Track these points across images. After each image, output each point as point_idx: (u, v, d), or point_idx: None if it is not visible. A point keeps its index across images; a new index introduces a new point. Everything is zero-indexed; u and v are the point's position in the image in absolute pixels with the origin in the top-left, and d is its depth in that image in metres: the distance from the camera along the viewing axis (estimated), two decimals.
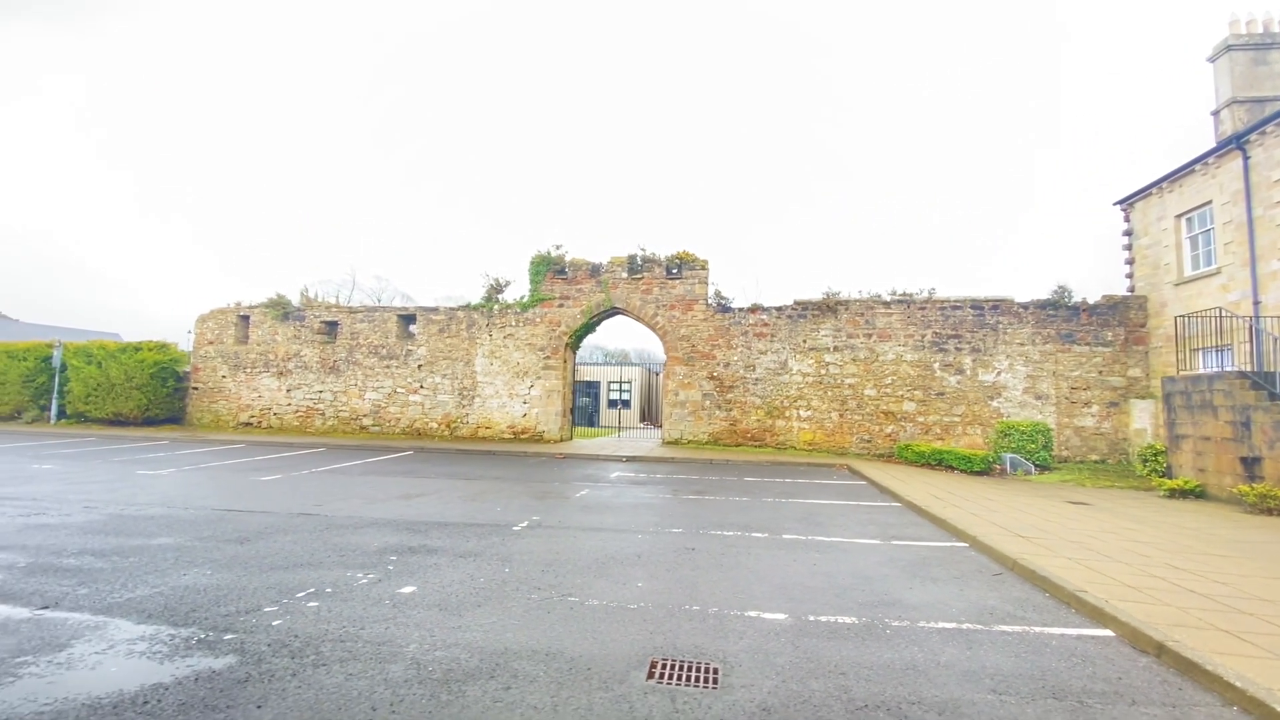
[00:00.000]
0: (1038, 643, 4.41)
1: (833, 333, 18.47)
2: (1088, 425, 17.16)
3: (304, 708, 3.27)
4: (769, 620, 4.74)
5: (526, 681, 3.63)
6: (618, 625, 4.56)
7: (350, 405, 20.90)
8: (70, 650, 3.91)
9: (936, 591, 5.58)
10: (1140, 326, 17.06)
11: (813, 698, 3.50)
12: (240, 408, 21.59)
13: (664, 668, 3.85)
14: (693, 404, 18.87)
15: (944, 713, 3.36)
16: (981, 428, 17.55)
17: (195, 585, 5.27)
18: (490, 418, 19.99)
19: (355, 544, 6.82)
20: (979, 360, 17.76)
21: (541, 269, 19.95)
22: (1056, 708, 3.46)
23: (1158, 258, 16.64)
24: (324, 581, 5.44)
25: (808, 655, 4.09)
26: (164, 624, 4.39)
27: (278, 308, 21.61)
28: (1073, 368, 17.32)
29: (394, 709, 3.28)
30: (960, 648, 4.28)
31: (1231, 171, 13.92)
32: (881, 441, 17.97)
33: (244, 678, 3.60)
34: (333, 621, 4.50)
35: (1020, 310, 17.71)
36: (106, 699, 3.31)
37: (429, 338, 20.70)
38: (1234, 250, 13.95)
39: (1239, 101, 15.65)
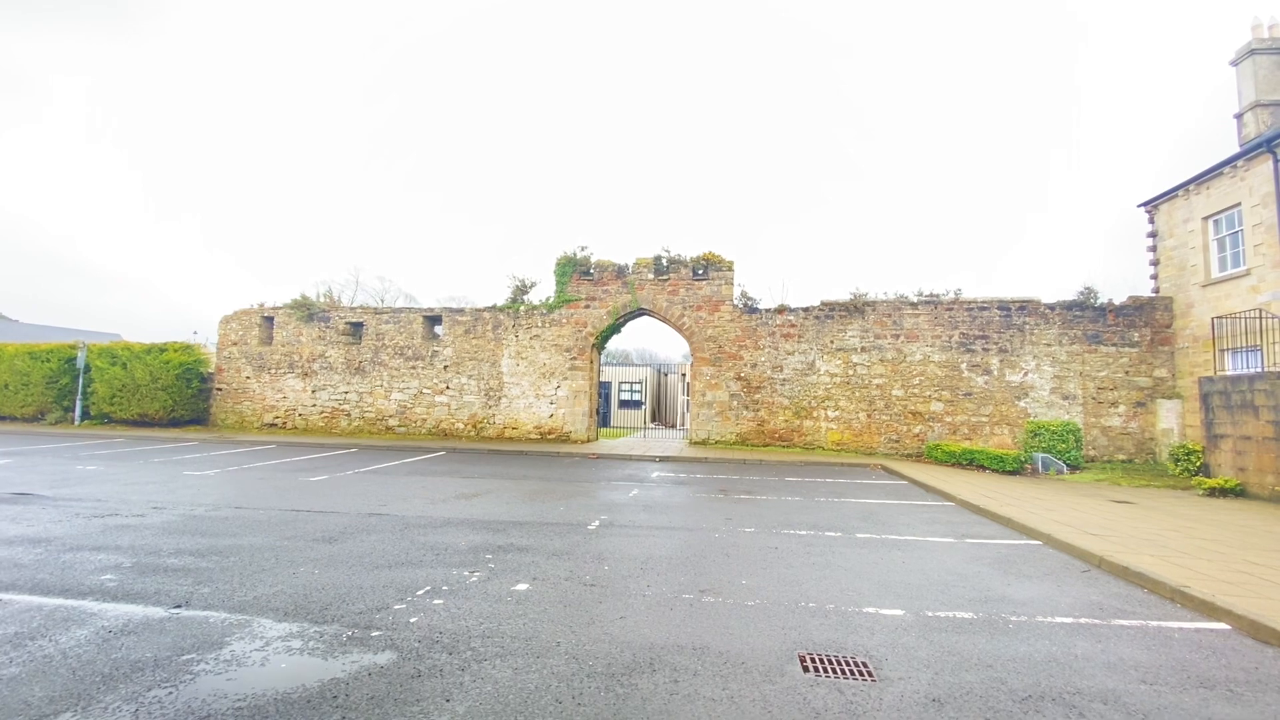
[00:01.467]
0: (1161, 636, 4.54)
1: (860, 333, 18.62)
2: (1114, 425, 17.34)
3: (491, 700, 3.35)
4: (889, 616, 4.85)
5: (690, 675, 3.72)
6: (746, 622, 4.65)
7: (376, 406, 20.94)
8: (230, 648, 3.98)
9: (1036, 588, 5.70)
10: (1166, 327, 17.25)
11: (974, 689, 3.61)
12: (265, 408, 21.59)
13: (815, 662, 3.95)
14: (720, 404, 18.98)
15: (1108, 702, 3.48)
16: (1009, 428, 17.71)
17: (312, 584, 5.34)
18: (517, 418, 20.06)
19: (443, 543, 6.89)
20: (1006, 361, 17.93)
21: (567, 270, 20.04)
22: (1209, 696, 3.58)
23: (1184, 259, 16.84)
24: (435, 580, 5.52)
25: (946, 649, 4.20)
26: (304, 621, 4.47)
27: (302, 309, 21.62)
28: (1099, 368, 17.51)
29: (578, 701, 3.37)
30: (1089, 641, 4.40)
31: (1261, 174, 14.12)
32: (909, 441, 18.11)
33: (414, 673, 3.68)
34: (467, 618, 4.58)
35: (1047, 311, 17.89)
36: (294, 693, 3.39)
37: (455, 339, 20.75)
38: (1264, 252, 14.15)
39: (1263, 105, 15.85)
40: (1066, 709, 3.40)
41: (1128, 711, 3.38)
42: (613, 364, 39.36)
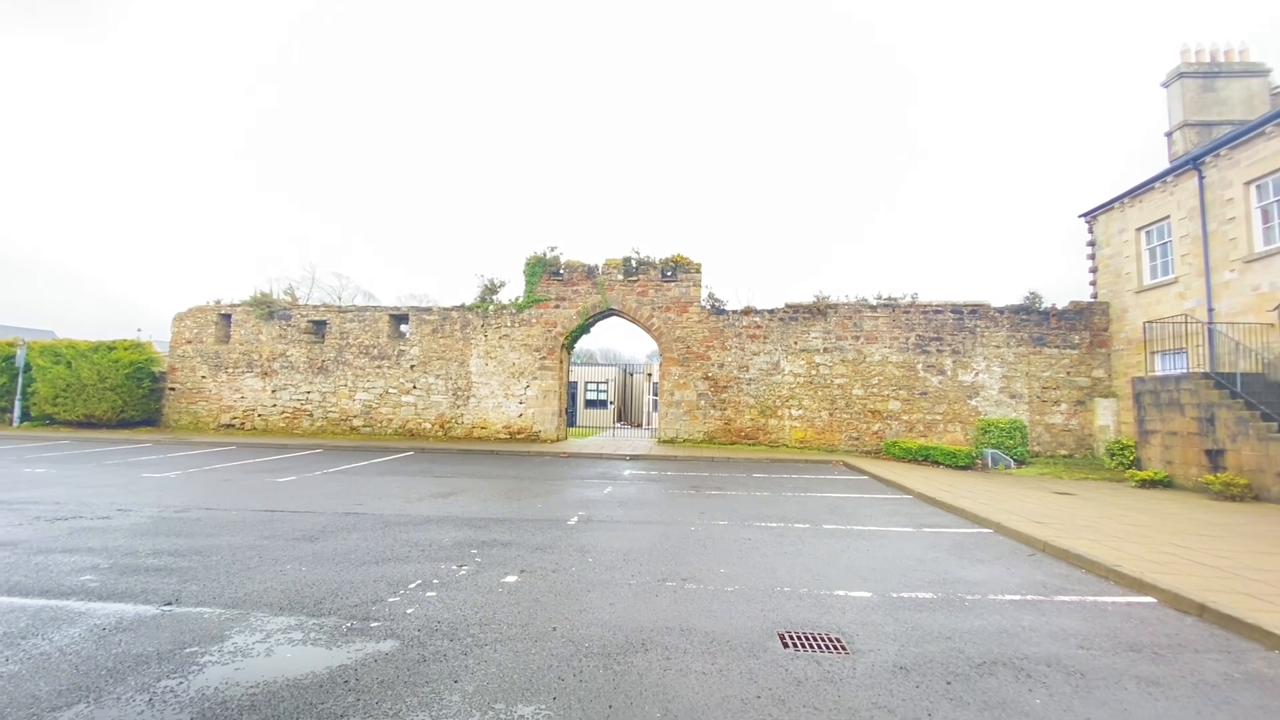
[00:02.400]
0: (1096, 609, 5.05)
1: (822, 335, 19.28)
2: (1057, 422, 18.44)
3: (497, 679, 3.57)
4: (858, 597, 5.24)
5: (680, 653, 4.01)
6: (727, 605, 4.97)
7: (340, 406, 20.60)
8: (232, 641, 4.08)
9: (988, 570, 6.20)
10: (1103, 331, 18.44)
11: (936, 658, 4.00)
12: (222, 409, 20.99)
13: (793, 639, 4.28)
14: (688, 403, 19.38)
15: (1051, 665, 3.91)
16: (961, 425, 18.63)
17: (301, 580, 5.42)
18: (486, 418, 20.04)
19: (426, 540, 7.01)
20: (959, 361, 18.85)
21: (537, 270, 20.13)
22: (1137, 657, 4.06)
23: (1119, 267, 18.04)
24: (425, 574, 5.66)
25: (910, 625, 4.60)
26: (301, 615, 4.58)
27: (262, 306, 21.10)
28: (1043, 368, 18.58)
29: (579, 678, 3.61)
30: (1035, 614, 4.87)
31: (1188, 189, 15.28)
32: (869, 439, 18.86)
33: (419, 658, 3.86)
34: (462, 608, 4.76)
35: (996, 315, 18.89)
36: (305, 680, 3.54)
37: (422, 338, 20.60)
38: (1190, 262, 15.31)
39: (1190, 125, 17.12)
40: (1015, 672, 3.82)
41: (1067, 672, 3.82)
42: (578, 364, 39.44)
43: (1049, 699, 3.47)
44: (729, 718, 3.19)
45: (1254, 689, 3.64)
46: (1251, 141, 13.52)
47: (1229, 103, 17.13)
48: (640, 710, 3.25)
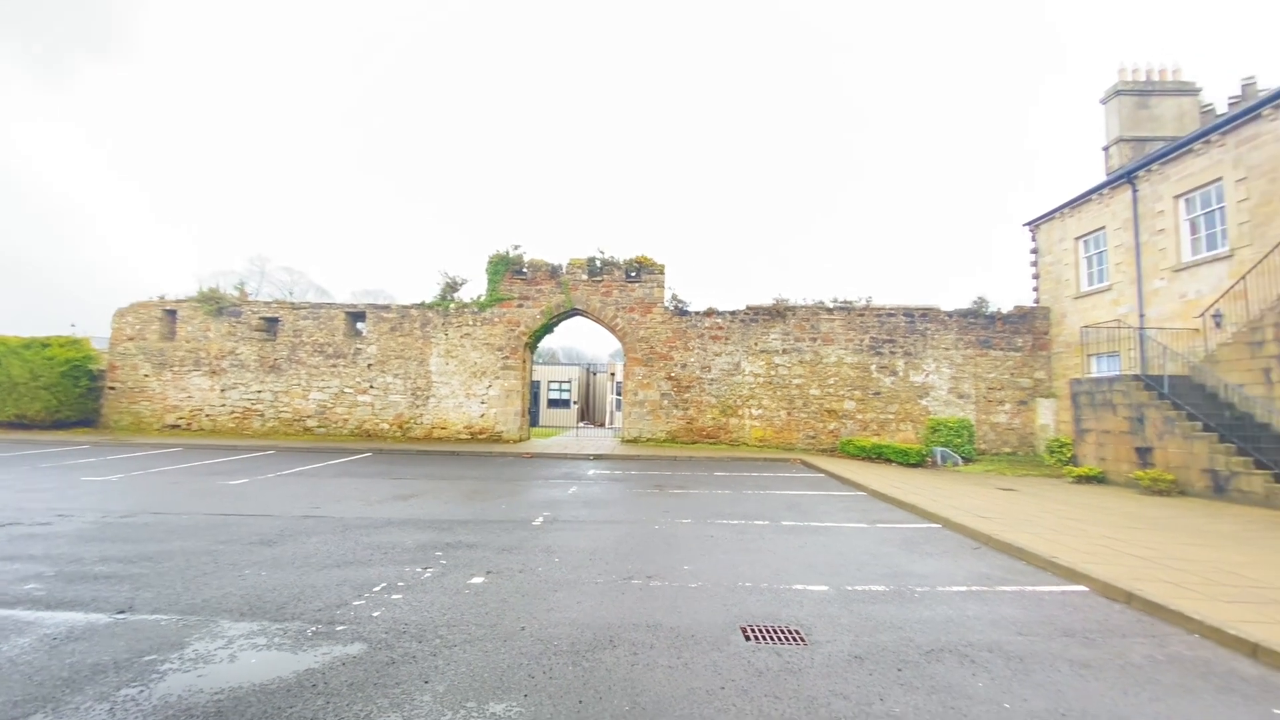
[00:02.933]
0: (1034, 598, 5.39)
1: (781, 336, 19.72)
2: (1001, 421, 19.32)
3: (468, 678, 3.62)
4: (816, 591, 5.46)
5: (647, 648, 4.13)
6: (691, 601, 5.12)
7: (293, 406, 20.02)
8: (193, 648, 4.01)
9: (936, 563, 6.52)
10: (1045, 334, 19.40)
11: (888, 646, 4.23)
12: (166, 409, 20.13)
13: (755, 632, 4.46)
14: (651, 403, 19.55)
15: (993, 651, 4.19)
16: (913, 424, 19.33)
17: (261, 585, 5.33)
18: (446, 418, 19.79)
19: (389, 542, 6.95)
20: (910, 363, 19.55)
21: (500, 269, 19.98)
22: (1070, 642, 4.38)
23: (1060, 274, 19.01)
24: (389, 577, 5.64)
25: (864, 616, 4.83)
26: (263, 620, 4.52)
27: (210, 302, 20.33)
28: (989, 370, 19.44)
29: (549, 675, 3.70)
30: (978, 604, 5.17)
31: (1123, 201, 16.23)
32: (825, 437, 19.38)
33: (388, 660, 3.87)
34: (429, 610, 4.78)
35: (946, 318, 19.66)
36: (272, 684, 3.52)
37: (380, 336, 20.19)
38: (1123, 270, 16.26)
39: (1125, 140, 18.16)
40: (960, 658, 4.07)
41: (1007, 657, 4.10)
42: (540, 363, 39.23)
43: (990, 682, 3.72)
44: (695, 709, 3.33)
45: (1175, 669, 3.97)
46: (1181, 158, 14.45)
47: (1162, 119, 18.23)
48: (609, 704, 3.36)
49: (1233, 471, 10.56)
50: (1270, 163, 12.29)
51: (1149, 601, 5.01)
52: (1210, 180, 13.72)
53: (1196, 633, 4.53)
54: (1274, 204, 12.25)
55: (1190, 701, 3.53)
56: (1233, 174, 13.12)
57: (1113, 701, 3.51)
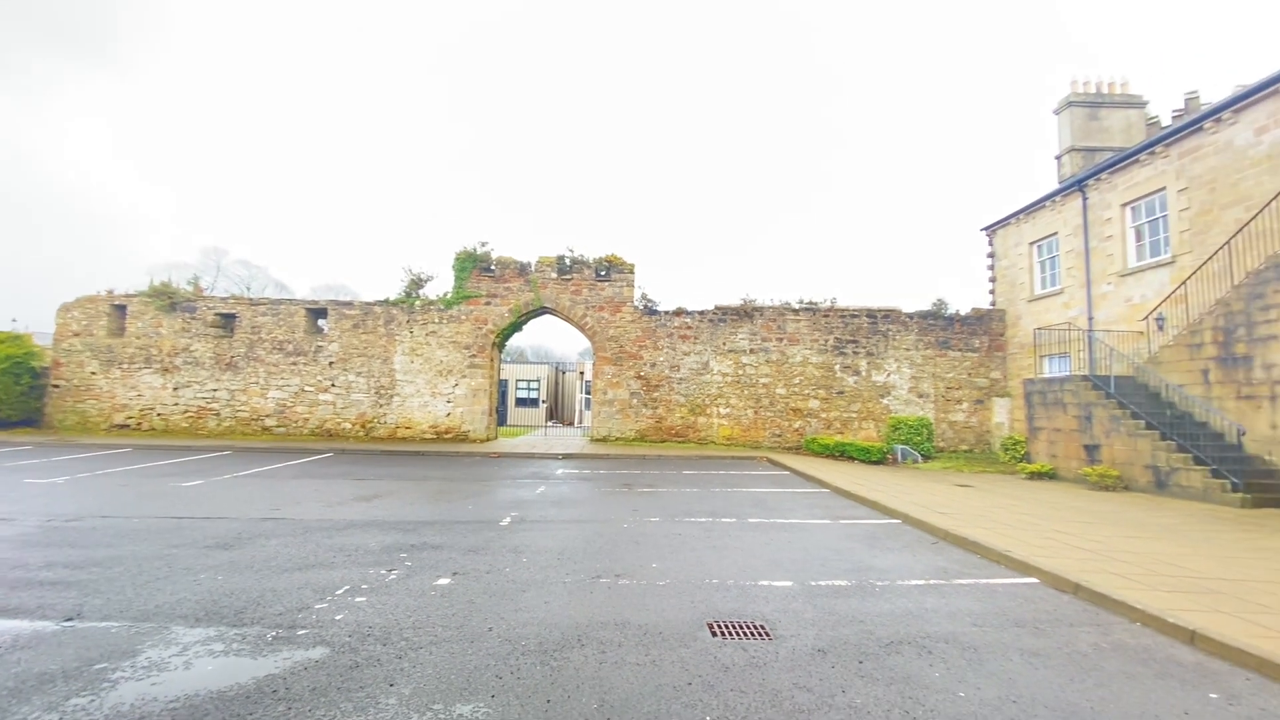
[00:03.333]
0: (988, 590, 5.60)
1: (749, 336, 19.97)
2: (959, 420, 19.93)
3: (434, 680, 3.59)
4: (781, 586, 5.56)
5: (615, 646, 4.15)
6: (659, 599, 5.16)
7: (251, 405, 19.44)
8: (145, 655, 3.88)
9: (896, 558, 6.71)
10: (1000, 335, 20.08)
11: (850, 640, 4.34)
12: (115, 408, 19.33)
13: (721, 628, 4.52)
14: (620, 402, 19.57)
15: (949, 642, 4.34)
16: (874, 422, 19.79)
17: (218, 589, 5.19)
18: (411, 417, 19.47)
19: (352, 544, 6.83)
20: (873, 363, 20.02)
21: (467, 266, 19.74)
22: (1021, 632, 4.56)
23: (1015, 278, 19.69)
24: (353, 579, 5.54)
25: (827, 611, 4.95)
26: (220, 625, 4.40)
27: (162, 297, 19.59)
28: (948, 370, 20.03)
29: (517, 676, 3.69)
30: (936, 597, 5.34)
31: (1074, 209, 16.90)
32: (790, 436, 19.71)
33: (351, 664, 3.81)
34: (394, 613, 4.72)
35: (906, 319, 20.19)
36: (230, 691, 3.43)
37: (342, 333, 19.75)
38: (1074, 274, 16.94)
39: (1077, 149, 18.91)
40: (919, 649, 4.21)
41: (962, 647, 4.25)
42: (508, 361, 38.90)
43: (947, 672, 3.85)
44: (662, 705, 3.37)
45: (1118, 657, 4.18)
46: (1128, 167, 15.11)
47: (1110, 130, 19.04)
48: (578, 703, 3.37)
49: (1173, 467, 11.11)
50: (1210, 174, 12.95)
51: (1094, 592, 5.25)
52: (1154, 190, 14.39)
53: (1138, 621, 4.77)
54: (1213, 213, 12.92)
55: (1132, 687, 3.72)
56: (1175, 184, 13.78)
57: (1060, 688, 3.67)
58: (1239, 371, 10.96)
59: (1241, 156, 12.32)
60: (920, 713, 3.34)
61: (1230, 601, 5.05)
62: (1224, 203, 12.67)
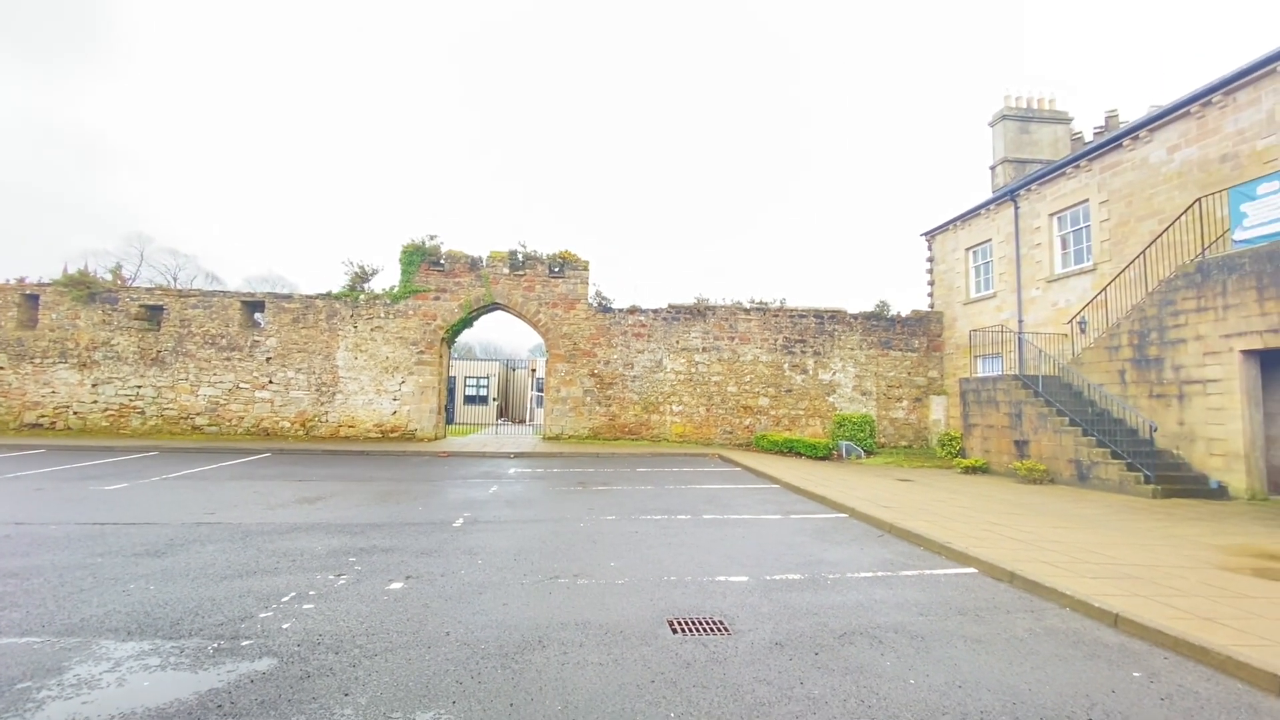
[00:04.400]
0: (931, 580, 5.86)
1: (702, 335, 20.21)
2: (899, 417, 20.75)
3: (391, 689, 3.50)
4: (737, 582, 5.67)
5: (576, 646, 4.14)
6: (618, 597, 5.18)
7: (180, 402, 18.36)
8: (73, 672, 3.63)
9: (845, 551, 6.94)
10: (938, 336, 21.00)
11: (805, 632, 4.47)
12: (25, 406, 17.89)
13: (681, 625, 4.58)
14: (574, 400, 19.47)
15: (898, 631, 4.52)
16: (820, 419, 20.38)
17: (150, 600, 4.89)
18: (355, 415, 18.82)
19: (296, 549, 6.56)
20: (819, 362, 20.60)
21: (415, 259, 19.20)
22: (964, 620, 4.80)
23: (952, 281, 20.63)
24: (299, 585, 5.32)
25: (782, 604, 5.07)
26: (155, 639, 4.15)
27: (80, 287, 18.24)
28: (889, 369, 20.81)
29: (478, 680, 3.63)
30: (884, 589, 5.56)
31: (1006, 217, 17.82)
32: (741, 433, 20.07)
33: (302, 674, 3.67)
34: (345, 619, 4.56)
35: (852, 320, 20.86)
36: (169, 708, 3.25)
37: (280, 328, 18.89)
38: (1006, 279, 17.88)
39: (1009, 161, 19.96)
40: (870, 639, 4.37)
41: (911, 636, 4.44)
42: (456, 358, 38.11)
43: (897, 660, 4.02)
44: (627, 704, 3.38)
45: (1051, 640, 4.45)
46: (1055, 179, 16.05)
47: (1039, 144, 20.18)
48: (541, 705, 3.35)
49: (1094, 461, 11.90)
50: (1128, 188, 13.91)
51: (1028, 580, 5.57)
52: (1079, 201, 15.35)
53: (1068, 606, 5.10)
54: (1130, 225, 13.88)
55: (1065, 668, 3.97)
56: (1097, 196, 14.73)
57: (1000, 672, 3.89)
58: (1151, 372, 11.82)
59: (1155, 173, 13.28)
60: (875, 701, 3.47)
61: (1147, 586, 5.45)
62: (1140, 215, 13.63)
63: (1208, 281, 10.86)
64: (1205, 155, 12.26)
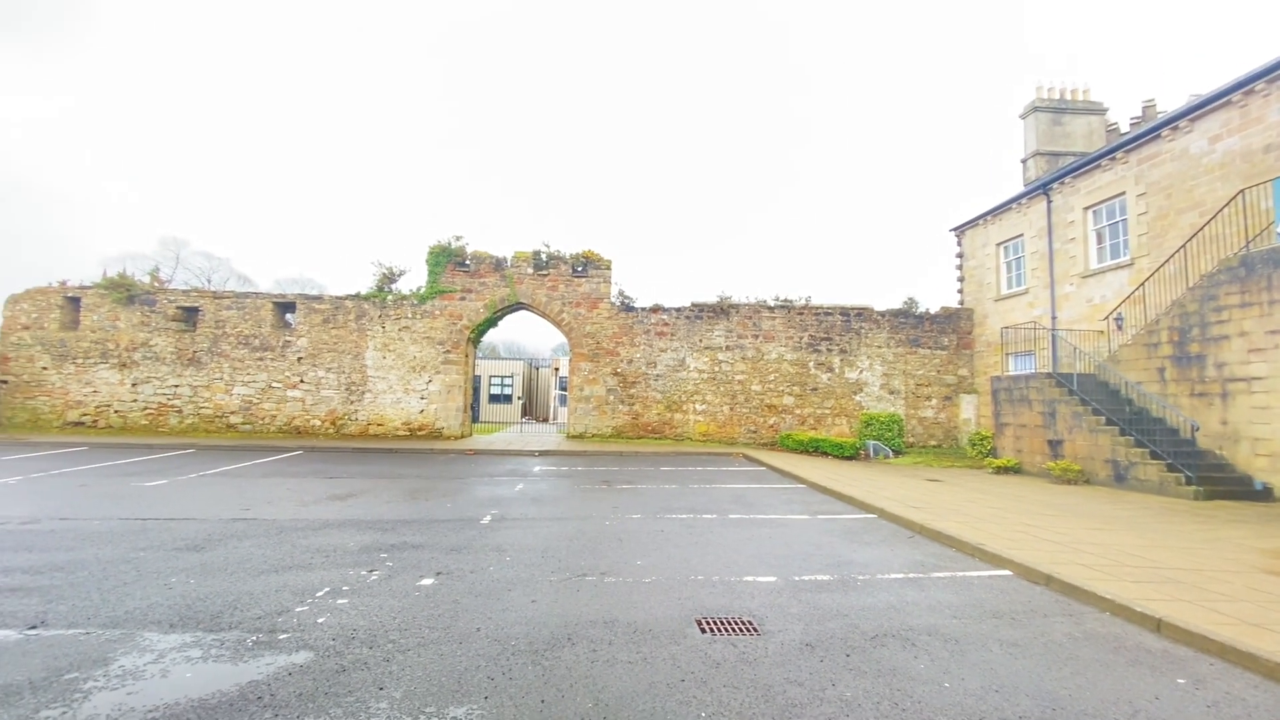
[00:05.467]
0: (964, 583, 5.75)
1: (725, 333, 20.11)
2: (928, 416, 20.39)
3: (424, 683, 3.54)
4: (765, 582, 5.63)
5: (605, 644, 4.15)
6: (646, 596, 5.17)
7: (215, 401, 18.85)
8: (119, 663, 3.74)
9: (875, 552, 6.85)
10: (968, 334, 20.59)
11: (836, 634, 4.42)
12: (68, 405, 18.54)
13: (709, 624, 4.56)
14: (597, 399, 19.53)
15: (931, 634, 4.44)
16: (847, 419, 20.12)
17: (191, 594, 5.03)
18: (383, 414, 19.12)
19: (329, 545, 6.69)
20: (846, 360, 20.34)
21: (441, 260, 19.43)
22: (999, 623, 4.70)
23: (982, 277, 20.20)
24: (333, 581, 5.43)
25: (811, 605, 5.02)
26: (197, 631, 4.27)
27: (120, 289, 18.84)
28: (918, 367, 20.47)
29: (509, 676, 3.66)
30: (916, 590, 5.47)
31: (1039, 211, 17.40)
32: (765, 432, 19.92)
33: (338, 668, 3.74)
34: (378, 614, 4.63)
35: (879, 318, 20.56)
36: (212, 699, 3.33)
37: (311, 328, 19.27)
38: (1038, 274, 17.45)
39: (1041, 153, 19.47)
40: (903, 642, 4.30)
41: (944, 639, 4.36)
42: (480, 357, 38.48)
43: (931, 663, 3.95)
44: (657, 702, 3.38)
45: (1091, 645, 4.33)
46: (1090, 172, 15.61)
47: (1073, 136, 19.65)
48: (573, 702, 3.36)
49: (1132, 462, 11.55)
50: (1167, 180, 13.47)
51: (1065, 583, 5.43)
52: (1115, 194, 14.90)
53: (1108, 611, 4.96)
54: (1169, 218, 13.44)
55: (1106, 674, 3.86)
56: (1134, 189, 14.30)
57: (1039, 677, 3.79)
58: (1193, 370, 11.44)
59: (1196, 164, 12.84)
60: (909, 704, 3.42)
61: (1191, 590, 5.28)
62: (1180, 208, 13.19)
63: (1252, 276, 10.47)
64: (1248, 145, 11.80)
